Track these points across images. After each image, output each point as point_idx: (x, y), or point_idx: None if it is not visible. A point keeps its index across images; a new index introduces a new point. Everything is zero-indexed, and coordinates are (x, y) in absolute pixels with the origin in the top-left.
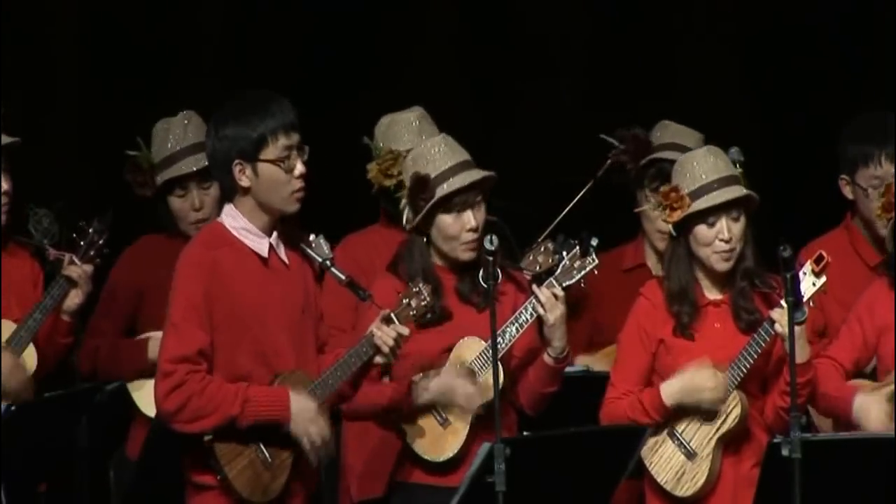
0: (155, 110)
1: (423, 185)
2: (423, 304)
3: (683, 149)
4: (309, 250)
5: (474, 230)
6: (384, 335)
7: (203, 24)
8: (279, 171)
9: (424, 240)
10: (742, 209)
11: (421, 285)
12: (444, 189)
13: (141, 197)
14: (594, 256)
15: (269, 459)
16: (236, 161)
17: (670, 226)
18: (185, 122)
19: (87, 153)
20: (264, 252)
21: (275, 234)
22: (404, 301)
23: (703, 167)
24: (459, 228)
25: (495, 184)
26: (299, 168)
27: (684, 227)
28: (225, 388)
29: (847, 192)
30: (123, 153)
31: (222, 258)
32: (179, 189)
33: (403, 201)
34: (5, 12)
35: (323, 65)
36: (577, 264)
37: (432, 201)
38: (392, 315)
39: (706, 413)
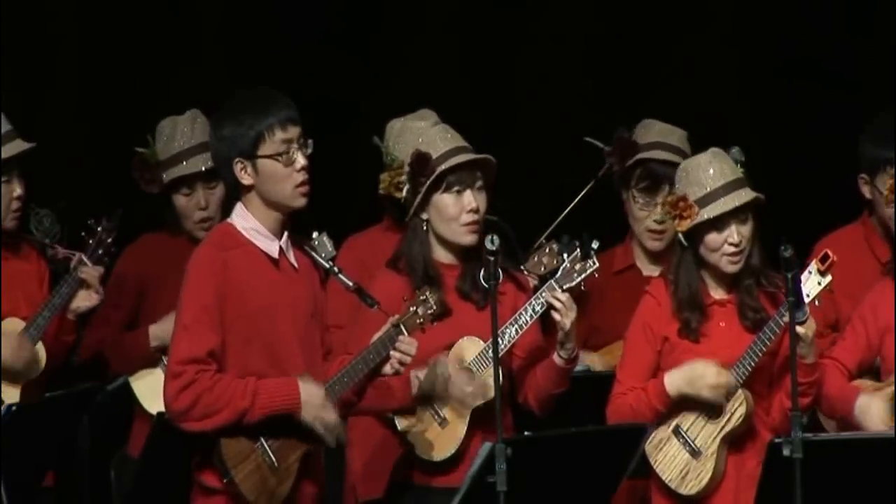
0: (156, 109)
1: (423, 162)
2: (429, 312)
3: (669, 147)
4: (316, 256)
5: (475, 211)
6: (408, 349)
7: (203, 22)
8: (278, 166)
9: (425, 228)
10: (750, 211)
11: (428, 293)
12: (444, 167)
13: (147, 193)
14: (595, 259)
15: (276, 464)
16: (237, 160)
17: (680, 235)
18: (193, 120)
19: (89, 153)
20: (274, 253)
21: (285, 236)
22: (411, 309)
23: (708, 174)
24: (459, 209)
25: (495, 182)
26: (300, 161)
27: (693, 234)
28: (234, 383)
29: (865, 191)
30: (126, 152)
31: (233, 259)
32: (185, 188)
33: (405, 191)
34: (5, 12)
35: (322, 61)
36: (577, 267)
37: (433, 177)
38: (400, 322)
39: (709, 409)
